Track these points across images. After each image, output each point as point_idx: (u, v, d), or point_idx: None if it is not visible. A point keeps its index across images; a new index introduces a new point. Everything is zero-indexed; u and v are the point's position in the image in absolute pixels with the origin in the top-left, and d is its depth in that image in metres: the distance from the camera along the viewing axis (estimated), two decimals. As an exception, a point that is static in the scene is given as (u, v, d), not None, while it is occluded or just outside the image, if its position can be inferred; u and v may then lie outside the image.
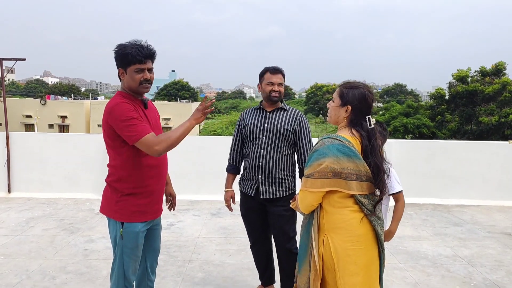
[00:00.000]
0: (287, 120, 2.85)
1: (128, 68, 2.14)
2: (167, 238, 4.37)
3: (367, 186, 1.91)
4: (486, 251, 4.20)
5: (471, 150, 6.29)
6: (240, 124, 3.01)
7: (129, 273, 2.27)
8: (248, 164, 2.91)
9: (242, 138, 3.00)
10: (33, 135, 7.56)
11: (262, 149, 2.83)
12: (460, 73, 27.00)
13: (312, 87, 61.31)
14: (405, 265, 3.80)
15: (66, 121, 39.32)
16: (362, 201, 1.90)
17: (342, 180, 1.86)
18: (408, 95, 61.49)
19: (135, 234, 2.21)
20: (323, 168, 1.86)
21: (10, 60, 6.47)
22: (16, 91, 74.32)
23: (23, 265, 3.60)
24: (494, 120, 24.06)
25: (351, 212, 1.92)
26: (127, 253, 2.23)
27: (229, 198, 3.06)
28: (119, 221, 2.20)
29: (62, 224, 4.78)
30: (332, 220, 1.94)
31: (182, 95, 57.06)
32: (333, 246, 1.92)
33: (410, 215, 5.45)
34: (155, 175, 2.25)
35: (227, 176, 3.10)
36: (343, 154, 1.86)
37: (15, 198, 5.88)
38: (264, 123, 2.86)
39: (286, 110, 2.91)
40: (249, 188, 2.91)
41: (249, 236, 3.11)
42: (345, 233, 1.92)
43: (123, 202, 2.19)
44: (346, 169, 1.86)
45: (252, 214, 2.98)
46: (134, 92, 2.21)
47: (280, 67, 2.91)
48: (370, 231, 1.95)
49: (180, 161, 6.11)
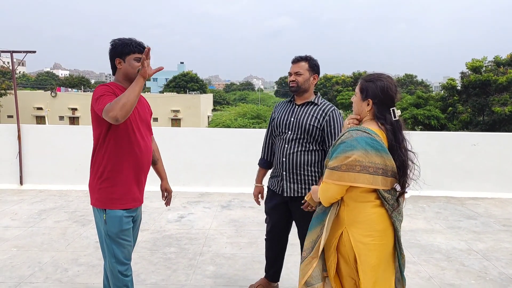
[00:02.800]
0: (315, 115, 2.69)
1: (128, 56, 2.28)
2: (177, 231, 4.37)
3: (391, 181, 1.88)
4: (501, 245, 4.12)
5: (485, 142, 6.17)
6: (271, 117, 2.93)
7: (121, 257, 2.29)
8: (275, 160, 2.83)
9: (272, 132, 2.92)
10: (45, 127, 7.61)
11: (286, 144, 2.72)
12: (474, 63, 26.44)
13: (321, 78, 60.75)
14: (419, 259, 3.75)
15: (77, 113, 39.65)
16: (385, 196, 1.87)
17: (369, 175, 1.82)
18: (418, 86, 60.68)
19: (118, 219, 2.26)
20: (351, 161, 1.81)
21: (21, 52, 6.48)
22: (27, 83, 75.09)
23: (35, 257, 3.63)
24: (507, 110, 23.60)
25: (373, 207, 1.89)
26: (113, 238, 2.26)
27: (257, 193, 3.00)
28: (102, 208, 2.26)
29: (74, 216, 4.81)
30: (353, 214, 1.91)
31: (191, 87, 57.07)
32: (354, 240, 1.90)
33: (422, 207, 5.37)
34: (132, 164, 2.29)
35: (258, 170, 3.03)
36: (372, 147, 1.82)
37: (27, 190, 5.93)
38: (291, 117, 2.74)
39: (317, 105, 2.74)
40: (276, 185, 2.82)
41: (268, 231, 3.00)
42: (366, 227, 1.89)
43: (103, 189, 2.26)
44: (374, 164, 1.81)
45: (276, 212, 2.87)
46: (131, 80, 2.28)
47: (308, 55, 2.76)
48: (389, 227, 1.93)
49: (190, 153, 6.10)
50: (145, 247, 3.90)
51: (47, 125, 8.66)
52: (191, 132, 6.63)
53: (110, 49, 2.31)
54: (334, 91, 52.49)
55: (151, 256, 3.71)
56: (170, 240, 4.11)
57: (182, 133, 6.59)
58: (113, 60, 2.31)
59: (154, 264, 3.55)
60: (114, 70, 2.35)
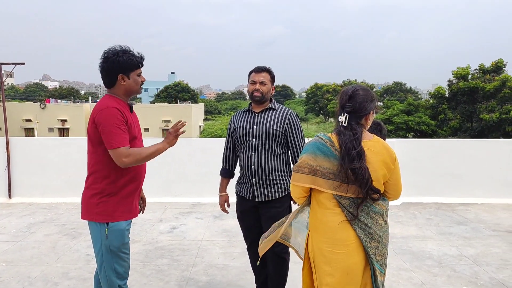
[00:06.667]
0: (276, 120, 2.78)
1: (132, 73, 2.25)
2: (170, 242, 4.34)
3: (352, 188, 1.86)
4: (492, 250, 4.16)
5: (475, 148, 6.26)
6: (230, 127, 2.96)
7: (121, 272, 2.27)
8: (242, 168, 2.87)
9: (233, 141, 2.96)
10: (33, 139, 7.52)
11: (253, 152, 2.77)
12: (459, 71, 26.96)
13: (312, 87, 61.24)
14: (411, 265, 3.77)
15: (66, 124, 39.30)
16: (342, 202, 1.88)
17: (319, 178, 1.89)
18: (407, 93, 61.41)
19: (121, 232, 2.23)
20: (301, 163, 1.94)
21: (9, 64, 6.45)
22: (16, 95, 74.32)
23: (25, 272, 3.57)
24: (495, 117, 24.01)
25: (332, 214, 1.90)
26: (114, 252, 2.22)
27: (223, 203, 3.04)
28: (103, 222, 2.22)
29: (64, 229, 4.74)
30: (315, 219, 1.98)
31: (182, 97, 57.02)
32: (311, 244, 1.98)
33: (413, 214, 5.41)
34: (134, 176, 2.29)
35: (220, 180, 3.06)
36: (321, 152, 1.90)
37: (16, 203, 5.85)
38: (253, 125, 2.80)
39: (276, 110, 2.83)
40: (245, 191, 2.86)
41: (245, 238, 3.04)
42: (322, 234, 1.93)
43: (103, 203, 2.21)
44: (322, 167, 1.88)
45: (248, 217, 2.92)
46: (132, 94, 2.30)
47: (268, 66, 2.83)
48: (352, 237, 1.89)
49: (182, 163, 6.09)
50: (137, 259, 3.86)
51: (36, 137, 8.57)
52: (183, 142, 6.62)
53: (110, 64, 2.20)
54: (325, 100, 52.84)
55: (143, 268, 3.67)
56: (162, 252, 4.07)
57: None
58: (115, 75, 2.22)
59: (146, 276, 3.52)
60: (112, 84, 2.25)
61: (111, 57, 2.20)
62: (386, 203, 1.98)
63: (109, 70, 2.22)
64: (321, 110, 56.80)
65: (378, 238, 1.90)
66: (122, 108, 2.21)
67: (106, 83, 2.27)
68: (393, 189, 1.99)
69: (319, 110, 58.15)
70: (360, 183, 1.82)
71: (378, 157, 1.89)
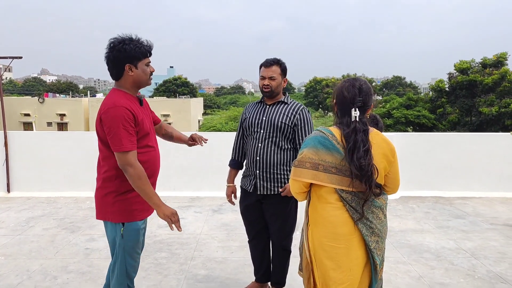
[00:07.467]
0: (286, 113, 2.76)
1: (140, 62, 2.11)
2: (168, 236, 4.35)
3: (355, 182, 1.84)
4: (489, 243, 4.18)
5: (472, 142, 6.26)
6: (242, 117, 2.96)
7: (131, 271, 2.26)
8: (248, 159, 2.87)
9: (244, 132, 2.95)
10: (32, 133, 7.52)
11: (260, 143, 2.76)
12: (461, 64, 26.77)
13: (311, 81, 61.12)
14: (409, 258, 3.78)
15: (65, 119, 39.21)
16: (344, 197, 1.86)
17: (321, 172, 1.85)
18: (407, 88, 61.34)
19: (136, 232, 2.19)
20: (302, 157, 1.90)
21: (7, 58, 6.42)
22: (14, 89, 74.12)
23: (24, 265, 3.58)
24: (494, 111, 23.98)
25: (334, 209, 1.88)
26: (128, 252, 2.20)
27: (230, 193, 3.03)
28: (120, 221, 2.15)
29: (63, 223, 4.75)
30: (314, 213, 1.95)
31: (181, 91, 56.88)
32: (311, 239, 1.95)
33: (412, 208, 5.43)
34: (150, 173, 2.19)
35: (229, 170, 3.05)
36: (322, 145, 1.86)
37: (14, 197, 5.85)
38: (263, 117, 2.79)
39: (287, 104, 2.82)
40: (248, 184, 2.86)
41: (248, 232, 3.05)
42: (323, 229, 1.90)
43: (119, 202, 2.14)
44: (324, 162, 1.85)
45: (250, 211, 2.92)
46: (142, 86, 2.18)
47: (279, 58, 2.79)
48: (354, 232, 1.88)
49: (181, 157, 6.08)
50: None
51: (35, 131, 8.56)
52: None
53: (116, 53, 2.05)
54: (324, 94, 52.76)
55: (142, 262, 3.68)
56: (161, 245, 4.08)
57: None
58: (122, 66, 2.07)
59: (145, 269, 3.53)
60: (119, 76, 2.11)
61: (117, 46, 2.05)
62: (385, 197, 1.98)
63: (115, 60, 2.07)
64: (320, 104, 56.73)
65: (378, 233, 1.90)
66: (130, 104, 2.08)
67: (113, 75, 2.13)
68: (392, 182, 1.98)
69: (318, 104, 58.07)
70: (366, 178, 1.81)
71: (379, 150, 1.88)
